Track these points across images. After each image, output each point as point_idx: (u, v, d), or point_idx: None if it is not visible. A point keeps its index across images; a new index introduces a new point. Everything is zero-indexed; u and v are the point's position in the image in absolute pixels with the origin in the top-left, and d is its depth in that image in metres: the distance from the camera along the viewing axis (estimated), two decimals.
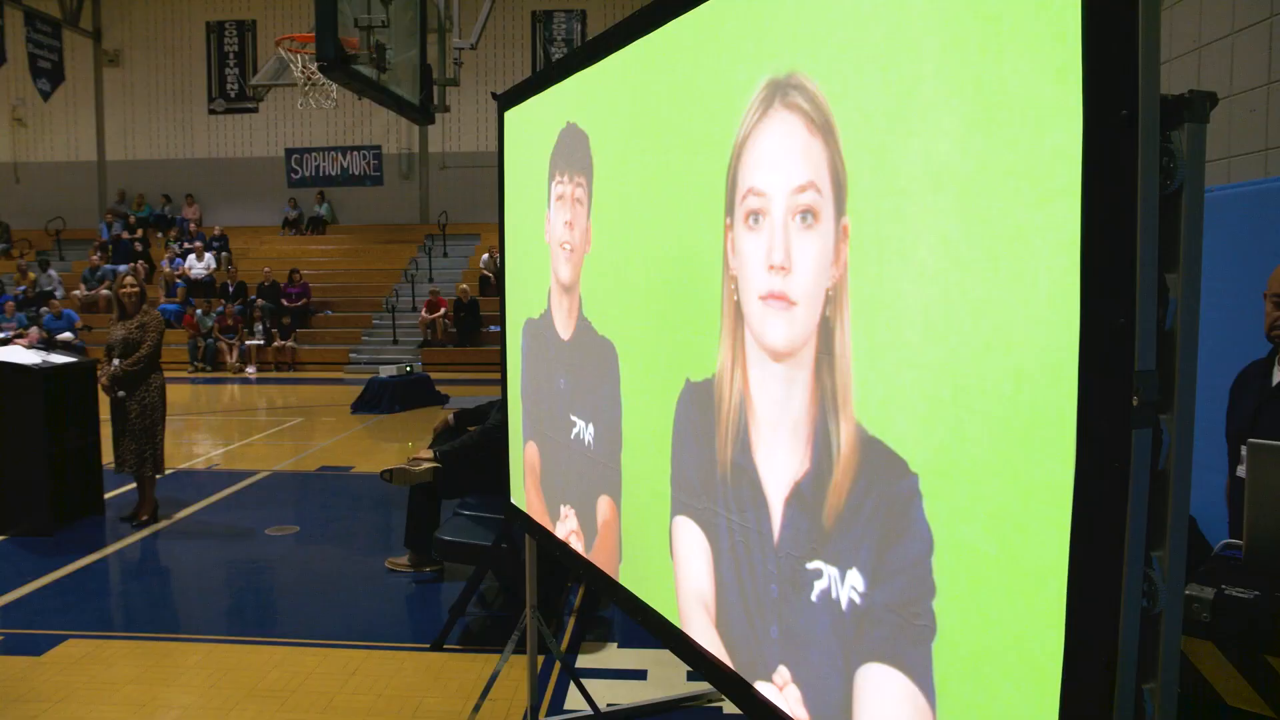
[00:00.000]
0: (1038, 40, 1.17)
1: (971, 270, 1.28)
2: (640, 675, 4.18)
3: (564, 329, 2.88)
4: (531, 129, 3.13)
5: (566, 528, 2.97)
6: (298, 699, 3.95)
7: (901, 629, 1.44)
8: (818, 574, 1.65)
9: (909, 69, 1.39)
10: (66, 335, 16.69)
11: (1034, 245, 1.19)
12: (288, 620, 4.97)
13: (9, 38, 18.09)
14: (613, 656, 4.40)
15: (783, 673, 1.81)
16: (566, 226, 2.80)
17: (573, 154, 2.74)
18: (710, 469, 2.00)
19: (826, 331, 1.58)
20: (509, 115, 3.38)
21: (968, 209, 1.29)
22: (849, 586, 1.57)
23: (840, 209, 1.54)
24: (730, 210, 1.87)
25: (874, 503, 1.50)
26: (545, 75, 3.00)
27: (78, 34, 20.62)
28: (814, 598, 1.67)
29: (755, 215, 1.78)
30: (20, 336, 16.00)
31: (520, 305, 3.32)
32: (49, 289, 18.68)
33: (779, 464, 1.75)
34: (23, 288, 18.60)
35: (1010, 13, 1.22)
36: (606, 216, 2.55)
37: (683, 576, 2.17)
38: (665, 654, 4.27)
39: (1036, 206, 1.18)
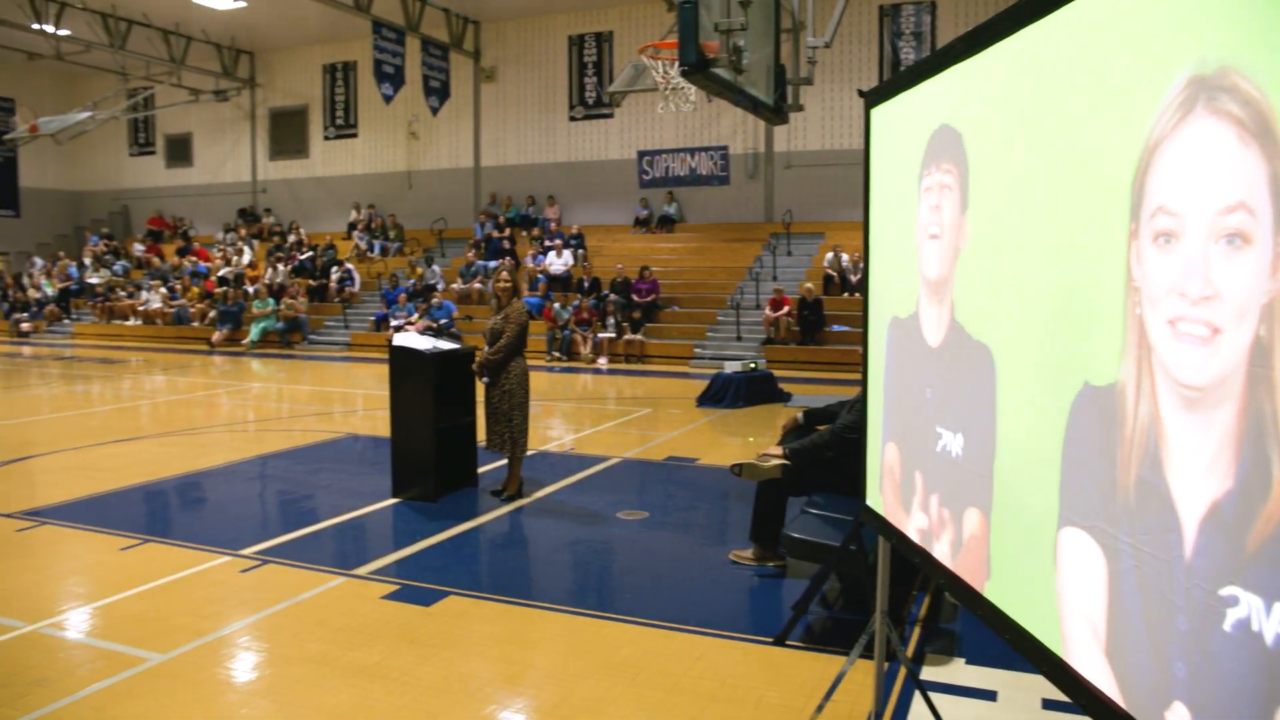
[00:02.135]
0: None
1: None
2: (990, 696, 3.97)
3: (933, 334, 2.79)
4: (901, 126, 3.06)
5: (927, 536, 2.88)
6: (646, 677, 4.13)
7: None
8: (1233, 600, 1.48)
9: None
10: (445, 323, 18.66)
11: None
12: (637, 600, 5.20)
13: (408, 62, 20.61)
14: (959, 672, 4.22)
15: (1179, 711, 1.64)
16: (936, 221, 2.71)
17: (945, 150, 2.65)
18: (1110, 482, 1.84)
19: (1261, 351, 1.40)
20: (875, 112, 3.33)
21: None
22: (1276, 619, 1.39)
23: None
24: (1135, 216, 1.71)
25: None
26: (916, 70, 2.92)
27: (461, 55, 23.03)
28: (1229, 628, 1.49)
29: (1166, 236, 1.60)
30: (411, 324, 18.17)
31: (886, 303, 3.26)
32: (432, 282, 21.03)
33: (1195, 482, 1.58)
34: (412, 281, 21.10)
35: None
36: (983, 213, 2.43)
37: (1068, 598, 2.02)
38: (1018, 677, 4.04)
39: None
